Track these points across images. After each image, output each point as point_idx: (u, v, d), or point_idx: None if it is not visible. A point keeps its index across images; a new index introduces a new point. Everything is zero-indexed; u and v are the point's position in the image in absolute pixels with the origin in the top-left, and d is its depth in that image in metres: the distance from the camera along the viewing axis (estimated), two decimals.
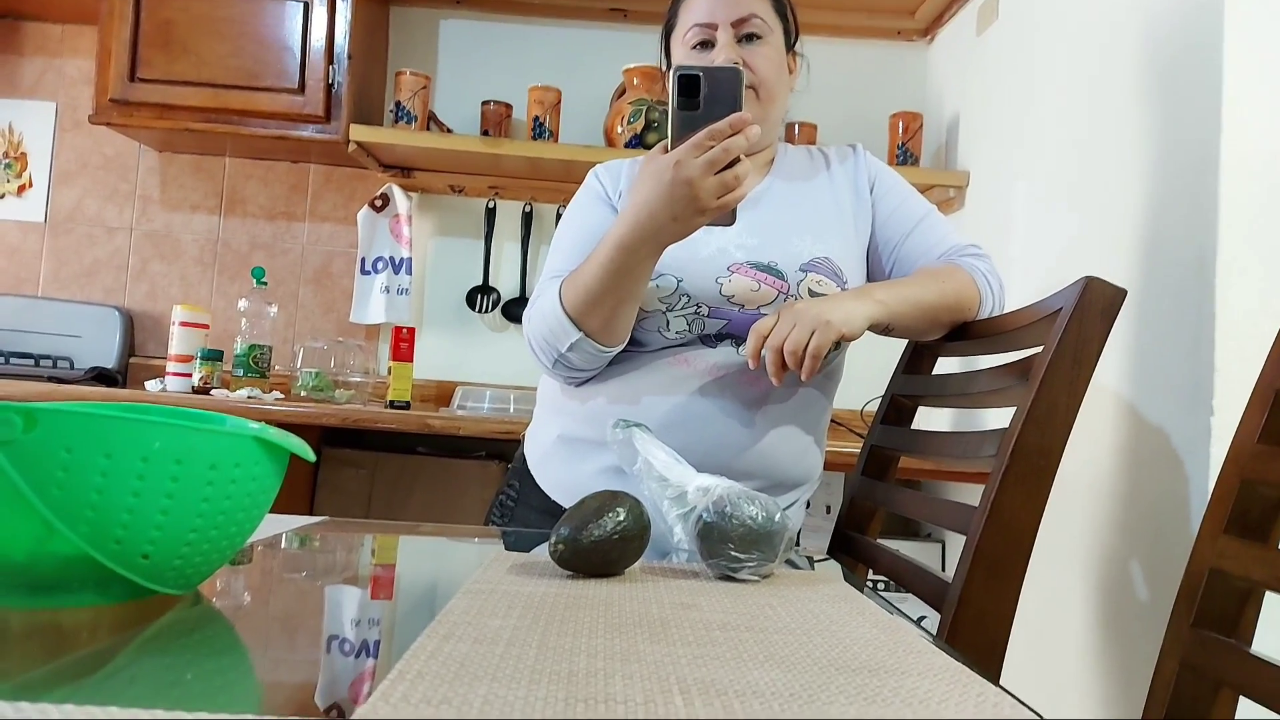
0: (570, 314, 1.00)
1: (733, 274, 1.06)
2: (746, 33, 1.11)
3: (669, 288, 1.06)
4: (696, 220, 0.92)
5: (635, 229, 0.94)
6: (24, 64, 2.31)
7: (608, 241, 0.96)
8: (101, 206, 2.30)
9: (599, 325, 1.00)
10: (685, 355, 1.07)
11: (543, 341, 1.05)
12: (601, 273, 0.97)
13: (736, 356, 1.06)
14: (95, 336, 2.19)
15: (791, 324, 0.94)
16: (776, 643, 0.54)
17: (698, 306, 1.06)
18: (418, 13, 2.31)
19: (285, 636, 0.57)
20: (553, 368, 1.07)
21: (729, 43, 1.10)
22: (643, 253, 0.95)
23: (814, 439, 1.12)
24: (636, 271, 0.97)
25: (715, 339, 1.07)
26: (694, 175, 0.88)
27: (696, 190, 0.89)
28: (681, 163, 0.89)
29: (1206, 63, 1.11)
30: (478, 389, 2.11)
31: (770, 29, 1.12)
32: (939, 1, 2.14)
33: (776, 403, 1.07)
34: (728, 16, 1.10)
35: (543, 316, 1.04)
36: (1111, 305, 0.85)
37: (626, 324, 1.02)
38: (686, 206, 0.90)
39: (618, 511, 0.70)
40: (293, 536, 0.88)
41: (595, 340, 1.01)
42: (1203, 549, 0.69)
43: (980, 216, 1.91)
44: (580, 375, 1.08)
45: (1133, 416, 1.22)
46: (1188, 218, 1.13)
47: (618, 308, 0.99)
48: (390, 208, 2.27)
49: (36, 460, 0.49)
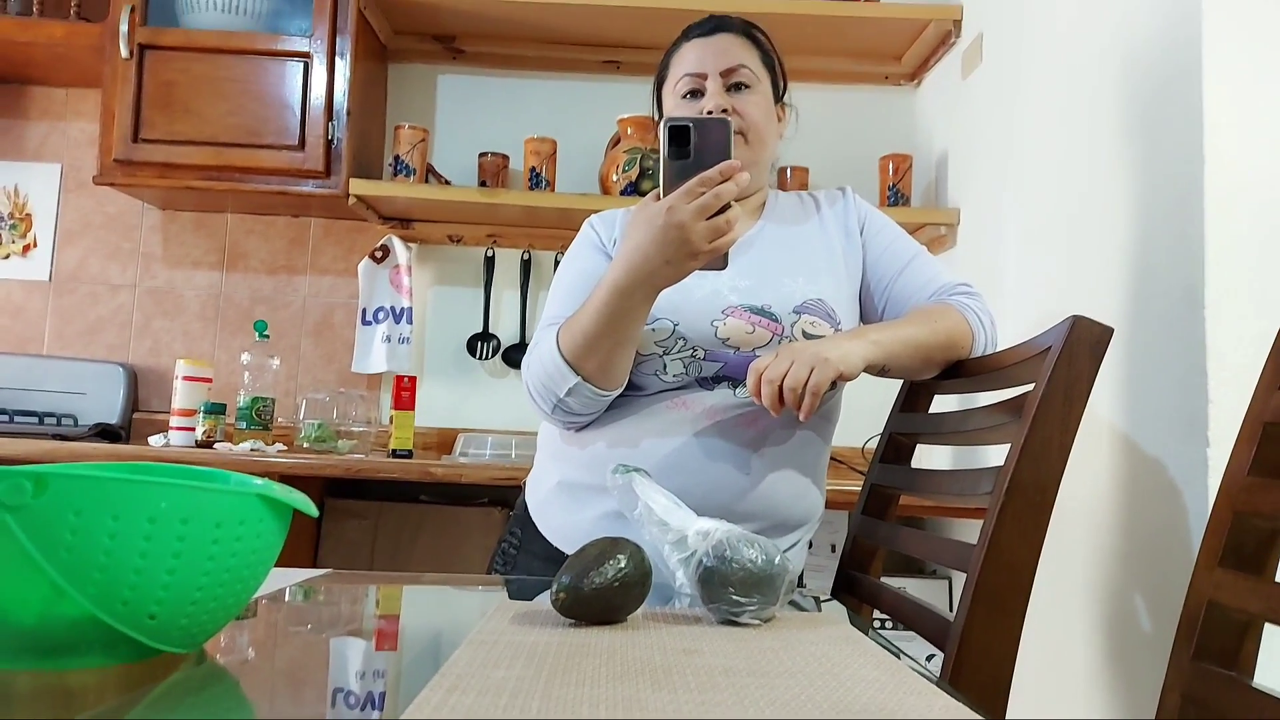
0: (568, 358, 1.01)
1: (727, 317, 1.08)
2: (735, 82, 1.14)
3: (665, 331, 1.07)
4: (689, 264, 0.94)
5: (629, 273, 0.96)
6: (30, 127, 2.36)
7: (603, 286, 0.98)
8: (105, 265, 2.33)
9: (596, 369, 1.01)
10: (683, 398, 1.08)
11: (541, 387, 1.06)
12: (597, 317, 0.98)
13: (733, 398, 1.07)
14: (99, 393, 2.20)
15: (790, 361, 0.95)
16: (779, 687, 0.54)
17: (694, 349, 1.07)
18: (415, 69, 2.36)
19: (291, 691, 0.57)
20: (551, 413, 1.08)
21: (718, 91, 1.13)
22: (637, 296, 0.97)
23: (812, 480, 1.13)
24: (632, 315, 0.98)
25: (712, 381, 1.08)
26: (686, 220, 0.91)
27: (688, 234, 0.91)
28: (674, 208, 0.91)
29: (1187, 96, 1.14)
30: (479, 435, 2.12)
31: (758, 79, 1.16)
32: (925, 47, 2.19)
33: (774, 444, 1.08)
34: (717, 66, 1.14)
35: (540, 362, 1.05)
36: (1099, 343, 0.86)
37: (624, 367, 1.03)
38: (679, 250, 0.92)
39: (619, 558, 0.70)
40: (296, 590, 0.88)
41: (593, 384, 1.02)
42: (1200, 582, 0.69)
43: (971, 253, 1.94)
44: (579, 420, 1.09)
45: (1130, 450, 1.23)
46: (1175, 250, 1.15)
47: (614, 351, 1.00)
48: (390, 259, 2.29)
49: (46, 524, 0.49)
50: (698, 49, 1.16)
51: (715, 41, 1.16)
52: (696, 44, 1.17)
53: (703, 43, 1.16)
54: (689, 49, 1.17)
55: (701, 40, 1.16)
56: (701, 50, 1.16)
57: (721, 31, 1.17)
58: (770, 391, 0.95)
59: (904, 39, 2.20)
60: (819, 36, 2.20)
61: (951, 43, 2.09)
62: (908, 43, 2.21)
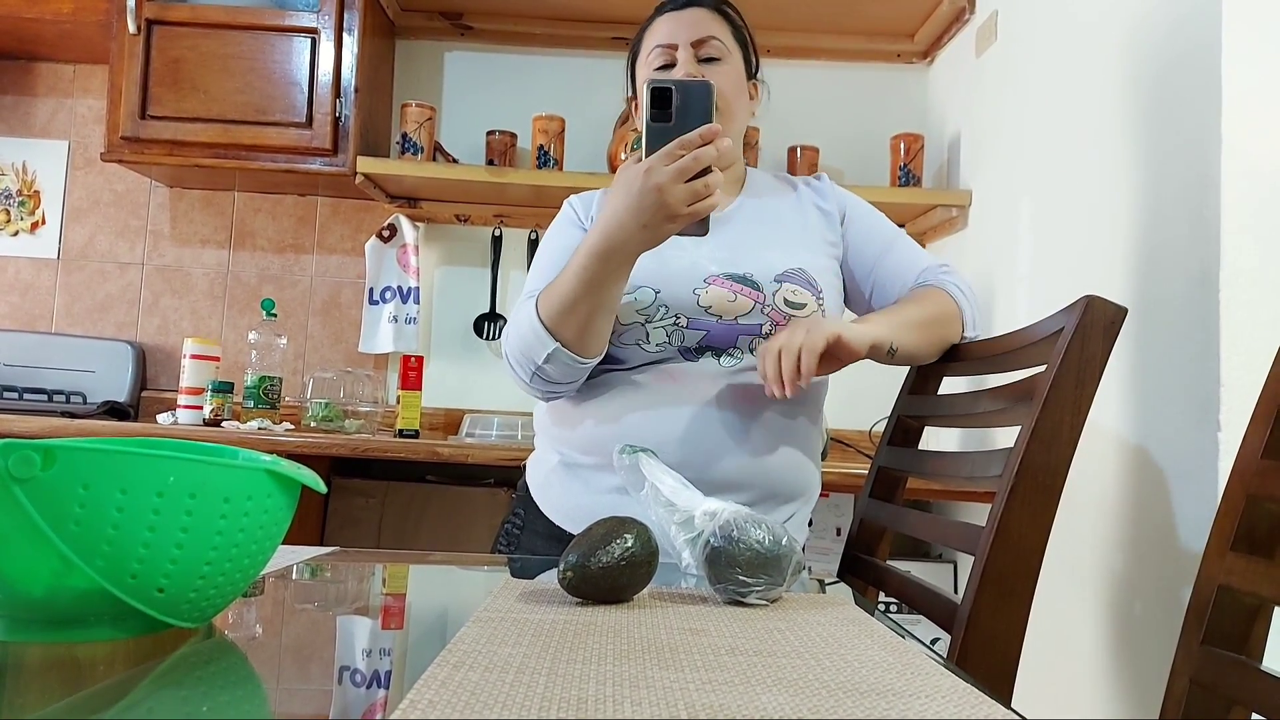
0: (546, 324, 1.02)
1: (709, 285, 1.09)
2: (706, 55, 1.16)
3: (647, 299, 1.08)
4: (666, 227, 0.94)
5: (606, 237, 0.96)
6: (37, 104, 2.35)
7: (581, 251, 0.99)
8: (113, 242, 2.33)
9: (574, 335, 1.01)
10: (669, 370, 1.08)
11: (520, 355, 1.06)
12: (575, 281, 0.98)
13: (718, 367, 1.08)
14: (108, 371, 2.21)
15: (789, 331, 0.98)
16: (785, 667, 0.54)
17: (676, 317, 1.08)
18: (423, 46, 2.35)
19: (298, 668, 0.58)
20: (530, 382, 1.08)
21: (689, 60, 1.15)
22: (614, 260, 0.97)
23: (803, 452, 1.13)
24: (610, 280, 0.98)
25: (695, 352, 1.09)
26: (663, 182, 0.91)
27: (666, 197, 0.91)
28: (651, 170, 0.91)
29: (1205, 74, 1.12)
30: (486, 416, 2.12)
31: (729, 52, 1.17)
32: (938, 24, 2.16)
33: (764, 415, 1.08)
34: (688, 37, 1.15)
35: (519, 330, 1.06)
36: (1113, 324, 0.86)
37: (602, 335, 1.03)
38: (656, 214, 0.92)
39: (625, 538, 0.70)
40: (304, 567, 0.89)
41: (571, 350, 1.02)
42: (1210, 566, 0.69)
43: (984, 236, 1.92)
44: (558, 390, 1.09)
45: (1141, 433, 1.22)
46: (1190, 230, 1.14)
47: (592, 315, 1.00)
48: (397, 238, 2.29)
49: (54, 497, 0.50)
50: (670, 22, 1.18)
51: (686, 15, 1.17)
52: (669, 17, 1.18)
53: (674, 16, 1.18)
54: (661, 23, 1.19)
55: (673, 14, 1.18)
56: (673, 23, 1.17)
57: (693, 6, 1.18)
58: (771, 360, 0.96)
59: (917, 16, 2.17)
60: (831, 14, 2.18)
61: (966, 19, 2.07)
62: (921, 20, 2.19)
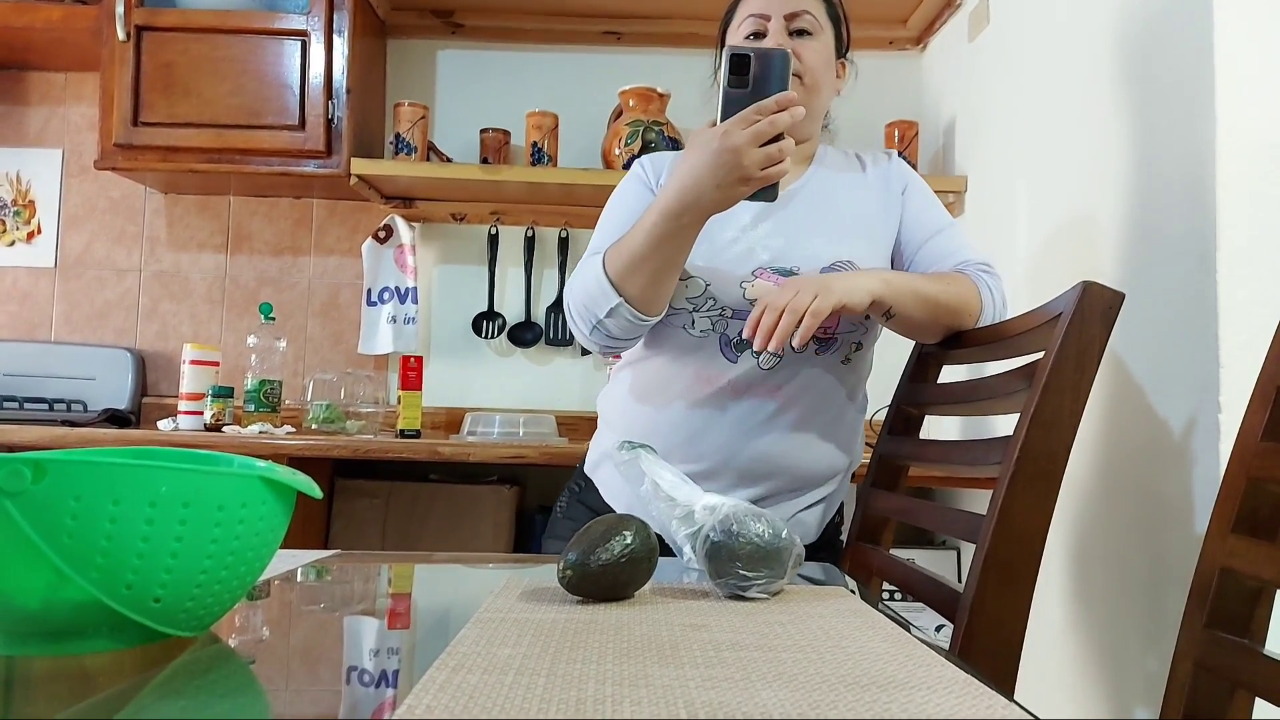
0: (612, 279, 1.03)
1: (756, 278, 1.10)
2: (798, 27, 1.15)
3: (697, 290, 1.10)
4: (739, 190, 0.95)
5: (680, 196, 0.96)
6: (30, 113, 2.35)
7: (653, 209, 1.00)
8: (110, 249, 2.33)
9: (638, 291, 1.03)
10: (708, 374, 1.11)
11: (582, 308, 1.08)
12: (645, 238, 0.99)
13: (759, 371, 1.10)
14: (108, 378, 2.21)
15: (795, 290, 0.97)
16: (786, 661, 0.54)
17: (722, 309, 1.10)
18: (414, 44, 2.34)
19: (299, 672, 0.57)
20: (590, 334, 1.10)
21: (780, 31, 1.14)
22: (686, 219, 0.98)
23: (834, 442, 1.15)
24: (679, 238, 0.99)
25: (735, 350, 1.11)
26: (740, 144, 0.92)
27: (741, 158, 0.92)
28: (728, 133, 0.92)
29: (1198, 55, 1.11)
30: (487, 414, 2.12)
31: (821, 28, 1.17)
32: (930, 9, 2.15)
33: (795, 408, 1.10)
34: (781, 9, 1.15)
35: (584, 284, 1.07)
36: (1110, 308, 0.85)
37: (665, 294, 1.05)
38: (730, 174, 0.93)
39: (624, 535, 0.70)
40: (308, 570, 0.88)
41: (634, 307, 1.04)
42: (1212, 549, 0.68)
43: (980, 220, 1.91)
44: (616, 345, 1.12)
45: (1142, 415, 1.22)
46: (1188, 212, 1.13)
47: (659, 274, 1.02)
48: (394, 238, 2.29)
49: (46, 510, 0.49)
50: None
51: None
52: None
53: None
54: None
55: None
56: None
57: None
58: (769, 317, 0.96)
59: (910, 2, 2.16)
60: None
61: (958, 4, 2.06)
62: (913, 5, 2.17)
